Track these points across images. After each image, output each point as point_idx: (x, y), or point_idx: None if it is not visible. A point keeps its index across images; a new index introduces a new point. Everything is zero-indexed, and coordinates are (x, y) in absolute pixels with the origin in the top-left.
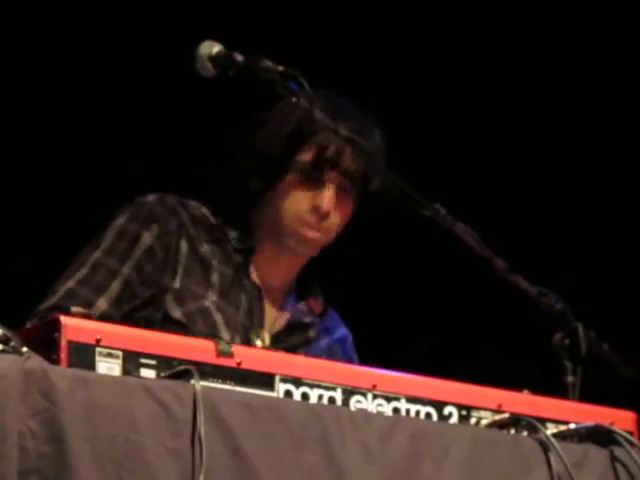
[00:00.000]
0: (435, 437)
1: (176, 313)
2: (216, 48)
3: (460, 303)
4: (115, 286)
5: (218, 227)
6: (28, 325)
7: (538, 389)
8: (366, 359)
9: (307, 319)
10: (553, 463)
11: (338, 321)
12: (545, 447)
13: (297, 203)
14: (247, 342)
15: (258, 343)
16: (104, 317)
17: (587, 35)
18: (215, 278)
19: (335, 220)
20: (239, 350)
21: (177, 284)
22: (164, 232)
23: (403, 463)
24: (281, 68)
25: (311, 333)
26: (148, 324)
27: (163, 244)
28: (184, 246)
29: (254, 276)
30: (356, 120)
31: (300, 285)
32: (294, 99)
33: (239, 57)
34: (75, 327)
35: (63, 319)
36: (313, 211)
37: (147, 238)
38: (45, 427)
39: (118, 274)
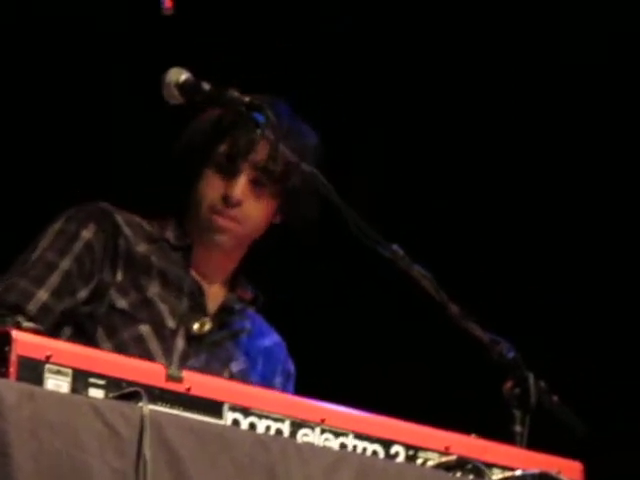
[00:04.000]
0: (380, 475)
1: (121, 303)
2: (184, 76)
3: (413, 345)
4: (55, 278)
5: (154, 231)
6: None
7: (486, 435)
8: (315, 393)
9: (237, 306)
10: None
11: (269, 328)
12: None
13: (211, 193)
14: (188, 329)
15: (195, 327)
16: (45, 308)
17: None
18: (154, 273)
19: (251, 212)
20: (189, 376)
21: (119, 278)
22: (101, 230)
23: None
24: (247, 99)
25: (248, 325)
26: (91, 319)
27: (101, 241)
28: (122, 244)
29: (194, 273)
30: (284, 122)
31: (232, 279)
32: (259, 131)
33: (206, 86)
34: (26, 342)
35: (14, 333)
36: (223, 200)
37: (85, 234)
38: None
39: (57, 267)
